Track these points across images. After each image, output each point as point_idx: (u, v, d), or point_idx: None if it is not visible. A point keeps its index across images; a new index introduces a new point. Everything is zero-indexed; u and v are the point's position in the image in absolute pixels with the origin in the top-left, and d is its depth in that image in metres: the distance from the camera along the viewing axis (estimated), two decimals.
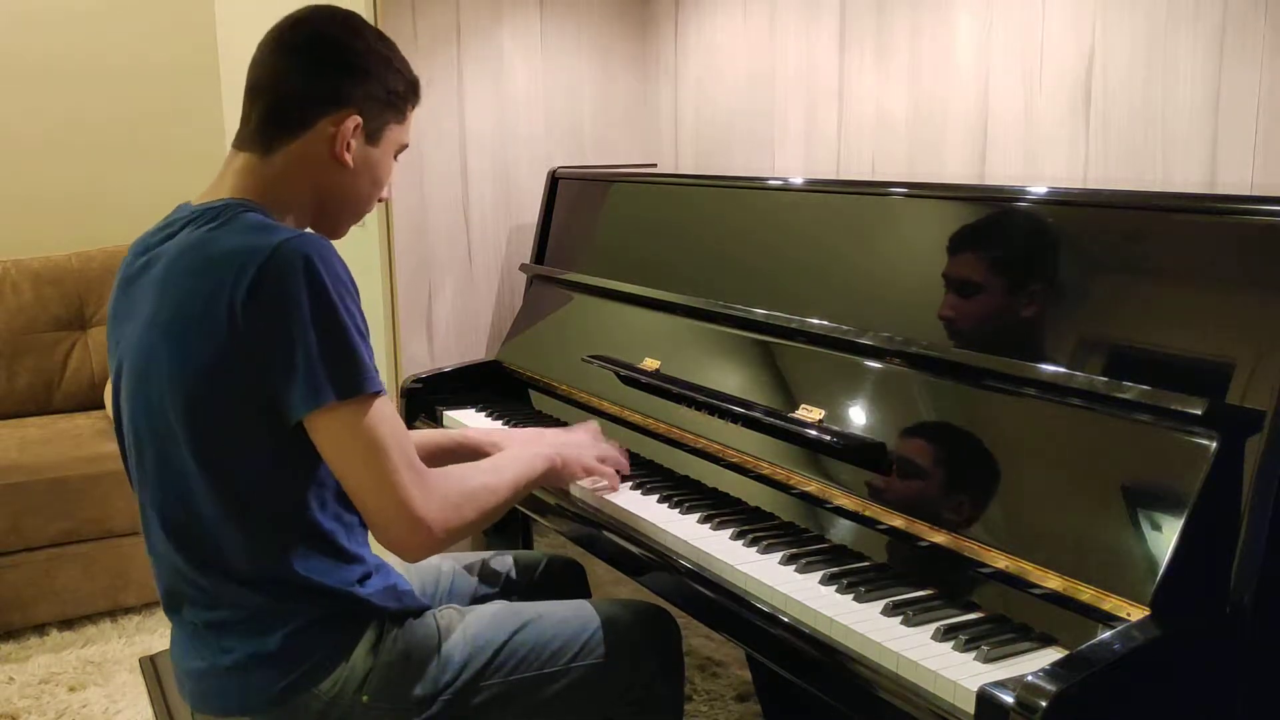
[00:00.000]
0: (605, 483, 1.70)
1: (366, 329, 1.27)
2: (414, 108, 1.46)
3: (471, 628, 1.44)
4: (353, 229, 1.50)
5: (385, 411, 1.25)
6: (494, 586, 1.71)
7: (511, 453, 1.54)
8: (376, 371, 1.26)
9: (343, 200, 1.41)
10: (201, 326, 1.23)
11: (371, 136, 1.39)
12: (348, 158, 1.36)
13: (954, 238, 1.53)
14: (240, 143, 1.37)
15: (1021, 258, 1.44)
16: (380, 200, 1.46)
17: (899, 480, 1.44)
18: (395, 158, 1.46)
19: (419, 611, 1.42)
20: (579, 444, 1.66)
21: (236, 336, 1.21)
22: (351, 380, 1.22)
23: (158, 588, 1.40)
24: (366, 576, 1.36)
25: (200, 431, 1.25)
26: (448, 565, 1.70)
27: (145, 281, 1.32)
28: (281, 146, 1.34)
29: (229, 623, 1.32)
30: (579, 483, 1.71)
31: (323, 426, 1.23)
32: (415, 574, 1.61)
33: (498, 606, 1.51)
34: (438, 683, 1.38)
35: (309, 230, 1.34)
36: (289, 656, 1.30)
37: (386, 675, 1.35)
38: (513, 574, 1.73)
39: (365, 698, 1.33)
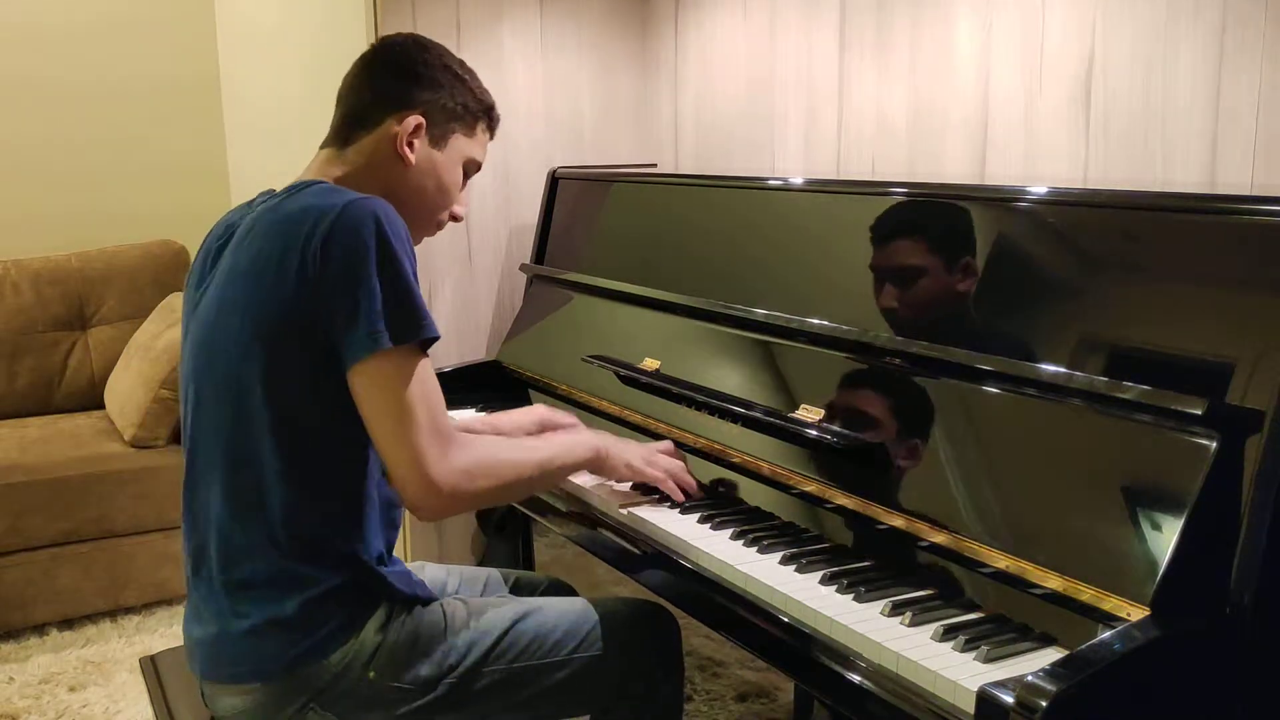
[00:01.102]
0: (644, 495, 1.66)
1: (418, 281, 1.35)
2: (487, 129, 1.57)
3: (476, 615, 1.48)
4: None
5: (425, 370, 1.32)
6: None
7: (554, 437, 1.60)
8: (430, 317, 1.33)
9: (406, 198, 1.47)
10: (277, 276, 1.31)
11: (436, 141, 1.50)
12: (409, 154, 1.47)
13: (954, 238, 1.53)
14: (325, 142, 1.52)
15: (1021, 258, 1.44)
16: (455, 219, 1.56)
17: (899, 480, 1.44)
18: (467, 176, 1.56)
19: (428, 601, 1.46)
20: (627, 445, 1.66)
21: (307, 283, 1.29)
22: (410, 326, 1.30)
23: (184, 548, 1.44)
24: (388, 559, 1.43)
25: (271, 378, 1.32)
26: (452, 576, 1.72)
27: (224, 250, 1.43)
28: (355, 142, 1.48)
29: (249, 582, 1.36)
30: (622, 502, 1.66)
31: (365, 373, 1.29)
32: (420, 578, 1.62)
33: (502, 599, 1.55)
34: (441, 666, 1.42)
35: (379, 198, 1.40)
36: (303, 624, 1.34)
37: (393, 654, 1.39)
38: (511, 594, 1.73)
39: (371, 674, 1.37)
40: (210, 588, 1.39)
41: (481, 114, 1.56)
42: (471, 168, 1.57)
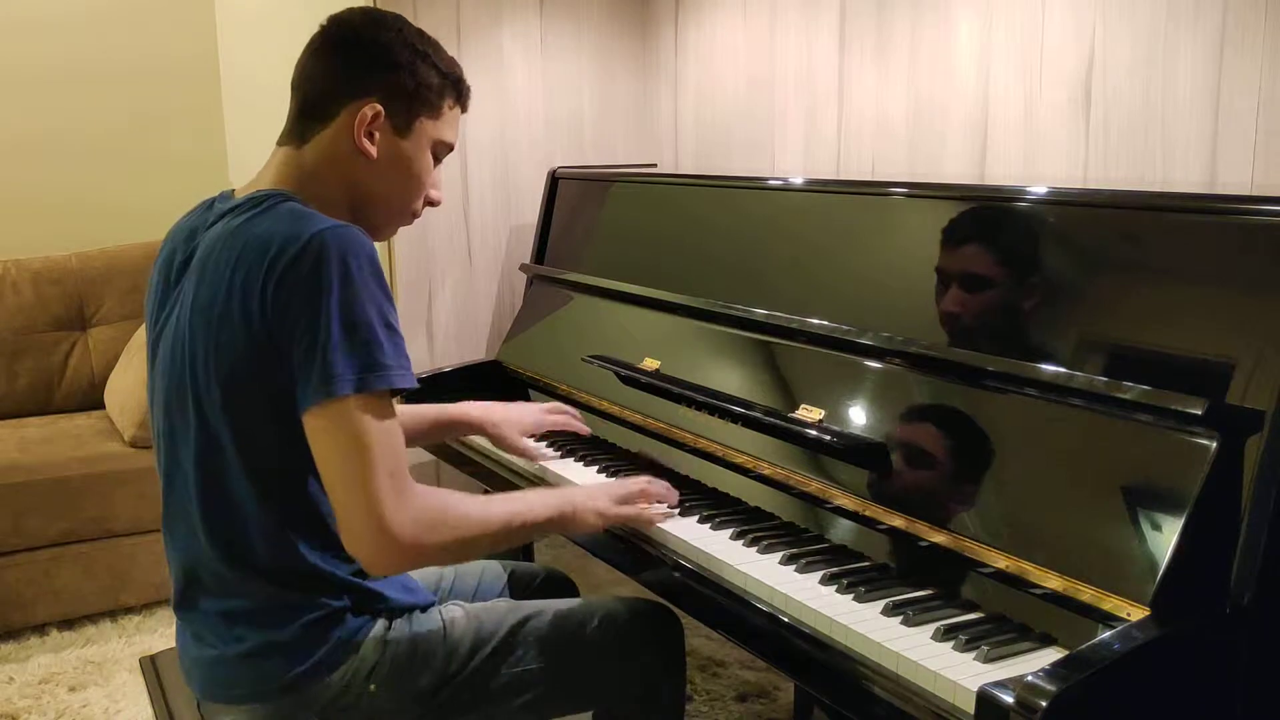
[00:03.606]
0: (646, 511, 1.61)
1: (398, 326, 1.26)
2: (454, 105, 1.43)
3: (475, 621, 1.46)
4: None
5: (385, 415, 1.23)
6: (486, 595, 1.70)
7: (518, 494, 1.48)
8: (401, 365, 1.24)
9: (372, 194, 1.39)
10: (236, 314, 1.24)
11: (399, 128, 1.38)
12: (368, 146, 1.35)
13: (954, 238, 1.53)
14: (281, 138, 1.40)
15: (1021, 258, 1.44)
16: (431, 204, 1.45)
17: (899, 480, 1.44)
18: (438, 159, 1.44)
19: (426, 606, 1.45)
20: (590, 494, 1.54)
21: (266, 323, 1.22)
22: (373, 373, 1.21)
23: (173, 581, 1.41)
24: None
25: (236, 419, 1.27)
26: (448, 571, 1.71)
27: (186, 271, 1.35)
28: (312, 137, 1.36)
29: (245, 611, 1.33)
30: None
31: (316, 419, 1.21)
32: (419, 579, 1.61)
33: (501, 603, 1.53)
34: (442, 674, 1.40)
35: (349, 224, 1.30)
36: (302, 646, 1.32)
37: (394, 666, 1.37)
38: (504, 586, 1.73)
39: (372, 687, 1.36)
40: (204, 617, 1.36)
41: (448, 89, 1.41)
42: (442, 149, 1.44)
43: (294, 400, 1.23)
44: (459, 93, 1.44)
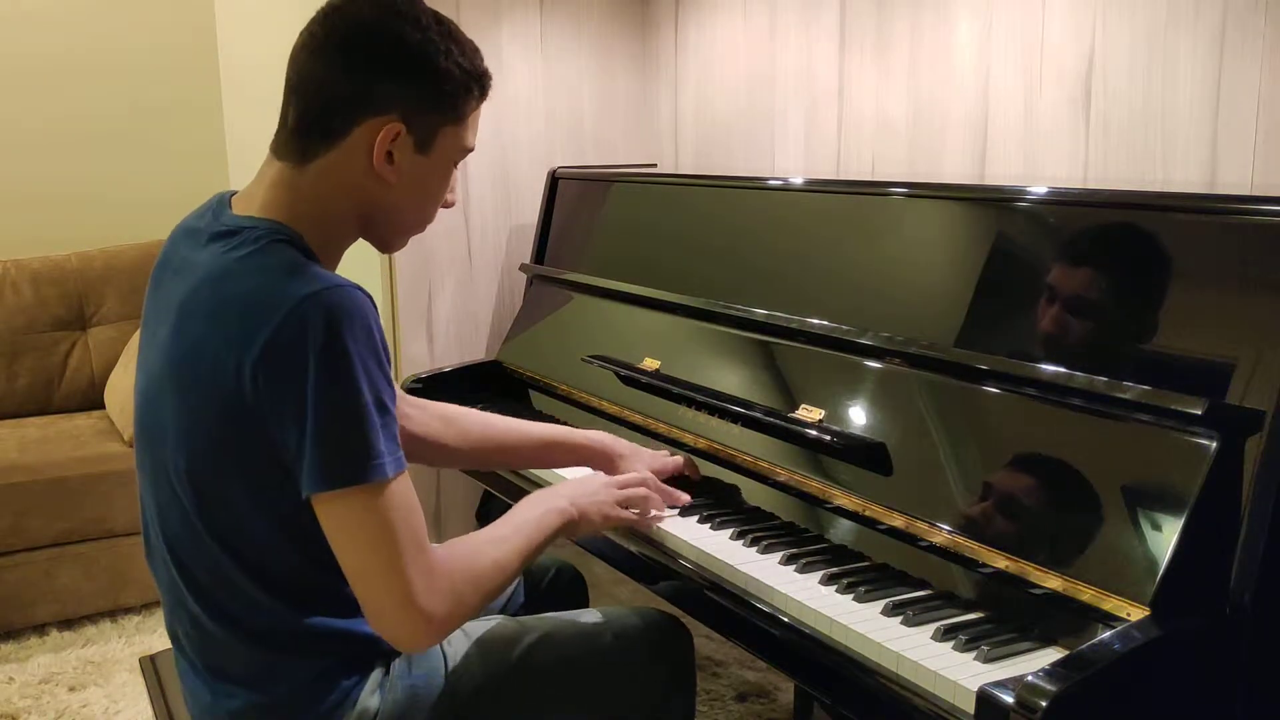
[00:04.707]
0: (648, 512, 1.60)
1: (392, 398, 1.15)
2: (478, 104, 1.25)
3: (480, 654, 1.37)
4: None
5: (397, 495, 1.13)
6: (500, 600, 1.66)
7: (521, 515, 1.37)
8: (391, 450, 1.13)
9: (389, 218, 1.25)
10: (210, 380, 1.12)
11: (421, 145, 1.20)
12: (389, 173, 1.19)
13: (954, 238, 1.53)
14: (276, 148, 1.22)
15: (1021, 258, 1.44)
16: (445, 206, 1.30)
17: (899, 480, 1.44)
18: (456, 165, 1.28)
19: None
20: (594, 491, 1.50)
21: (244, 398, 1.11)
22: (357, 467, 1.10)
23: (164, 612, 1.34)
24: None
25: (203, 492, 1.17)
26: None
27: (175, 292, 1.21)
28: (316, 157, 1.18)
29: (230, 673, 1.25)
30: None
31: (327, 510, 1.13)
32: None
33: (506, 625, 1.44)
34: (447, 714, 1.32)
35: (342, 283, 1.13)
36: (297, 706, 1.24)
37: (394, 713, 1.28)
38: (519, 587, 1.68)
39: None
40: (194, 668, 1.28)
41: (473, 90, 1.23)
42: (463, 155, 1.27)
43: (272, 474, 1.14)
44: (483, 89, 1.25)
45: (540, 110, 2.78)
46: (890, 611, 1.27)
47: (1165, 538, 1.13)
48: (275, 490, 1.15)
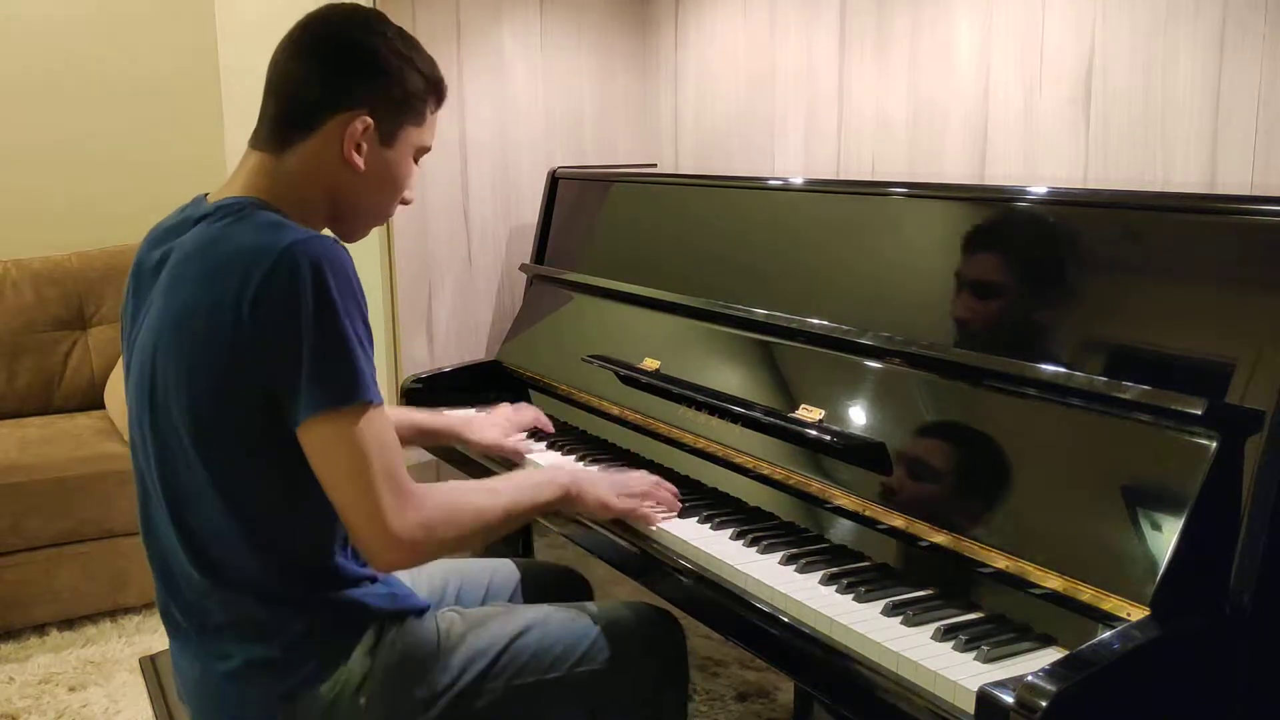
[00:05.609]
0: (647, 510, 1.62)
1: (370, 338, 1.26)
2: (436, 109, 1.42)
3: (473, 630, 1.43)
4: None
5: (375, 422, 1.23)
6: (497, 595, 1.69)
7: (521, 476, 1.49)
8: (374, 381, 1.24)
9: (356, 204, 1.38)
10: (208, 332, 1.22)
11: (386, 139, 1.35)
12: (357, 160, 1.33)
13: (954, 238, 1.53)
14: (255, 141, 1.35)
15: (1021, 258, 1.44)
16: (404, 203, 1.44)
17: (899, 480, 1.44)
18: (416, 161, 1.42)
19: (419, 612, 1.41)
20: (598, 480, 1.58)
21: (241, 341, 1.20)
22: (345, 389, 1.21)
23: (155, 593, 1.40)
24: (366, 580, 1.37)
25: (208, 440, 1.25)
26: (453, 572, 1.69)
27: (157, 278, 1.31)
28: (293, 147, 1.32)
29: (226, 627, 1.31)
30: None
31: (314, 433, 1.22)
32: (422, 578, 1.60)
33: (501, 610, 1.50)
34: (436, 686, 1.37)
35: (324, 232, 1.30)
36: (288, 662, 1.30)
37: (384, 678, 1.34)
38: (517, 584, 1.71)
39: (363, 700, 1.33)
40: (187, 635, 1.35)
41: (431, 95, 1.40)
42: (422, 154, 1.43)
43: (273, 415, 1.23)
44: (439, 96, 1.42)
45: (540, 110, 2.78)
46: (890, 611, 1.27)
47: (1165, 538, 1.13)
48: (272, 432, 1.24)
